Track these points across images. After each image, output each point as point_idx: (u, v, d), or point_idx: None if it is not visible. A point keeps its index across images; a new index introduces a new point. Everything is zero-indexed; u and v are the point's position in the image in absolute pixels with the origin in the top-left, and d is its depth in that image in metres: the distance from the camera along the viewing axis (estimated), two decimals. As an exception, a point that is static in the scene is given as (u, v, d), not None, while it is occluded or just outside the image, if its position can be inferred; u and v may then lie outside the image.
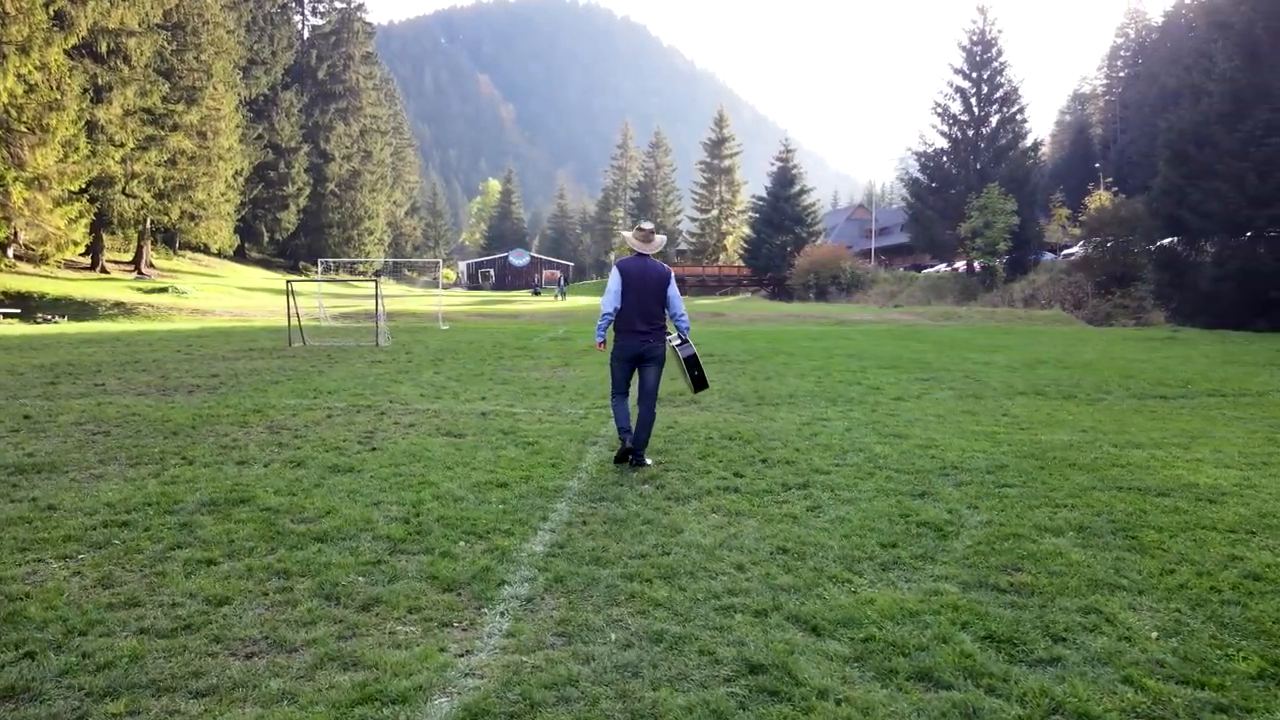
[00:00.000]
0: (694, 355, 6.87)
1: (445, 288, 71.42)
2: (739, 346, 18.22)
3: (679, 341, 6.84)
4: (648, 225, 6.99)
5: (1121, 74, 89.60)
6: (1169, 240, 30.59)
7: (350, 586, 3.98)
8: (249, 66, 55.79)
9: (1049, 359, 15.13)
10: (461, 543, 4.64)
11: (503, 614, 3.71)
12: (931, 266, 61.48)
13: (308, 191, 63.15)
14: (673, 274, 6.82)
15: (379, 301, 18.79)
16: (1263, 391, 10.50)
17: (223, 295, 38.43)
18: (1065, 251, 49.94)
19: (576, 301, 48.12)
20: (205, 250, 52.98)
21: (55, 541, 4.63)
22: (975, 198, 44.03)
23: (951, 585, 3.97)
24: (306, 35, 69.63)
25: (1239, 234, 26.88)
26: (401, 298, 46.18)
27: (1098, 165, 74.53)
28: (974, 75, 49.02)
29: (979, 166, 47.69)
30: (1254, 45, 26.19)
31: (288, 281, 18.36)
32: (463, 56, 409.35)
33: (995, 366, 13.99)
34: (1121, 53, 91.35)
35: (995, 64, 48.63)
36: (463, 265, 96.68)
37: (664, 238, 7.16)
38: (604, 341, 6.91)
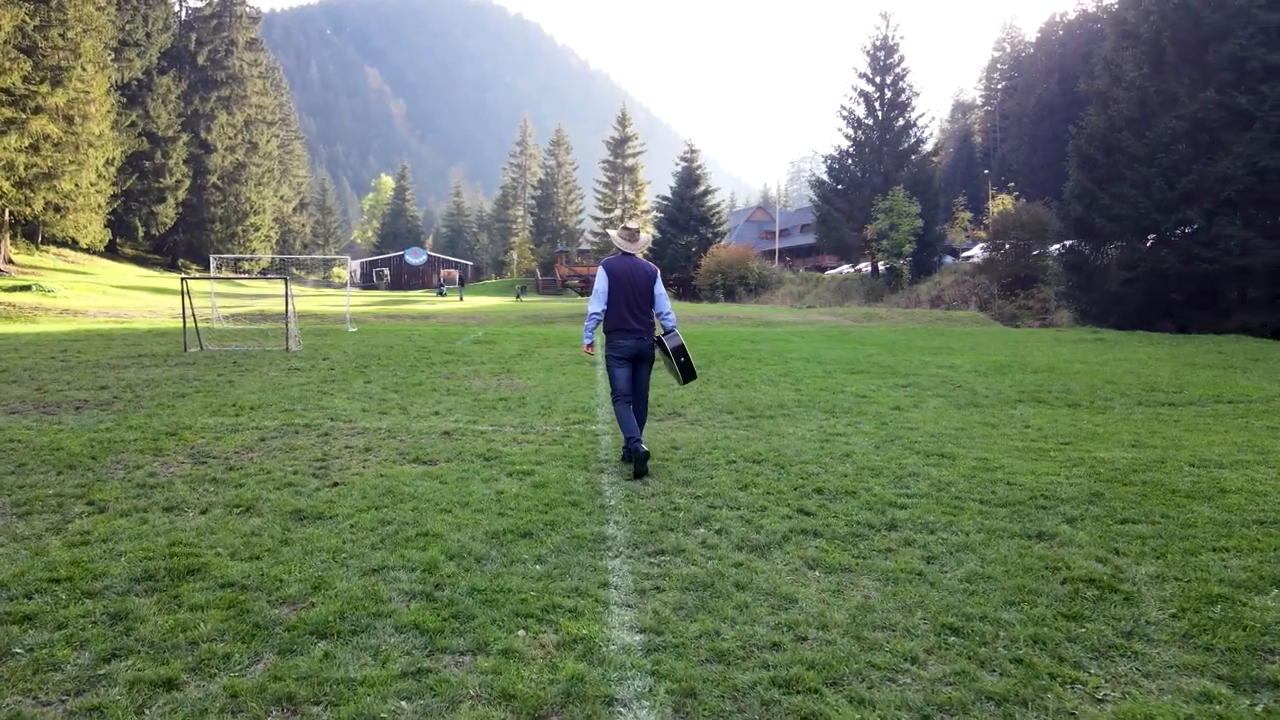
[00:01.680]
0: (681, 345, 6.64)
1: (339, 287, 68.07)
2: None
3: (666, 333, 6.69)
4: (634, 224, 6.87)
5: (999, 86, 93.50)
6: (1073, 242, 31.29)
7: (395, 718, 2.73)
8: (120, 48, 51.42)
9: (1008, 363, 14.71)
10: (520, 631, 3.41)
11: (638, 761, 2.54)
12: (834, 268, 62.18)
13: (187, 184, 58.90)
14: (658, 272, 6.70)
15: (289, 301, 16.93)
16: (1268, 397, 10.16)
17: (95, 294, 34.99)
18: (964, 254, 51.20)
19: (481, 303, 46.19)
20: (73, 245, 48.42)
21: (-77, 653, 3.17)
22: (881, 200, 44.45)
23: (1215, 684, 3.00)
24: (184, 17, 65.06)
25: (1146, 238, 27.60)
26: (296, 297, 43.34)
27: (986, 172, 77.40)
28: (877, 80, 49.55)
29: (884, 170, 48.21)
30: (1160, 54, 26.91)
31: (182, 279, 16.31)
32: (350, 49, 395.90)
33: (962, 370, 13.43)
34: (999, 66, 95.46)
35: (898, 69, 49.28)
36: (355, 264, 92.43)
37: (649, 236, 6.53)
38: (592, 343, 6.81)
